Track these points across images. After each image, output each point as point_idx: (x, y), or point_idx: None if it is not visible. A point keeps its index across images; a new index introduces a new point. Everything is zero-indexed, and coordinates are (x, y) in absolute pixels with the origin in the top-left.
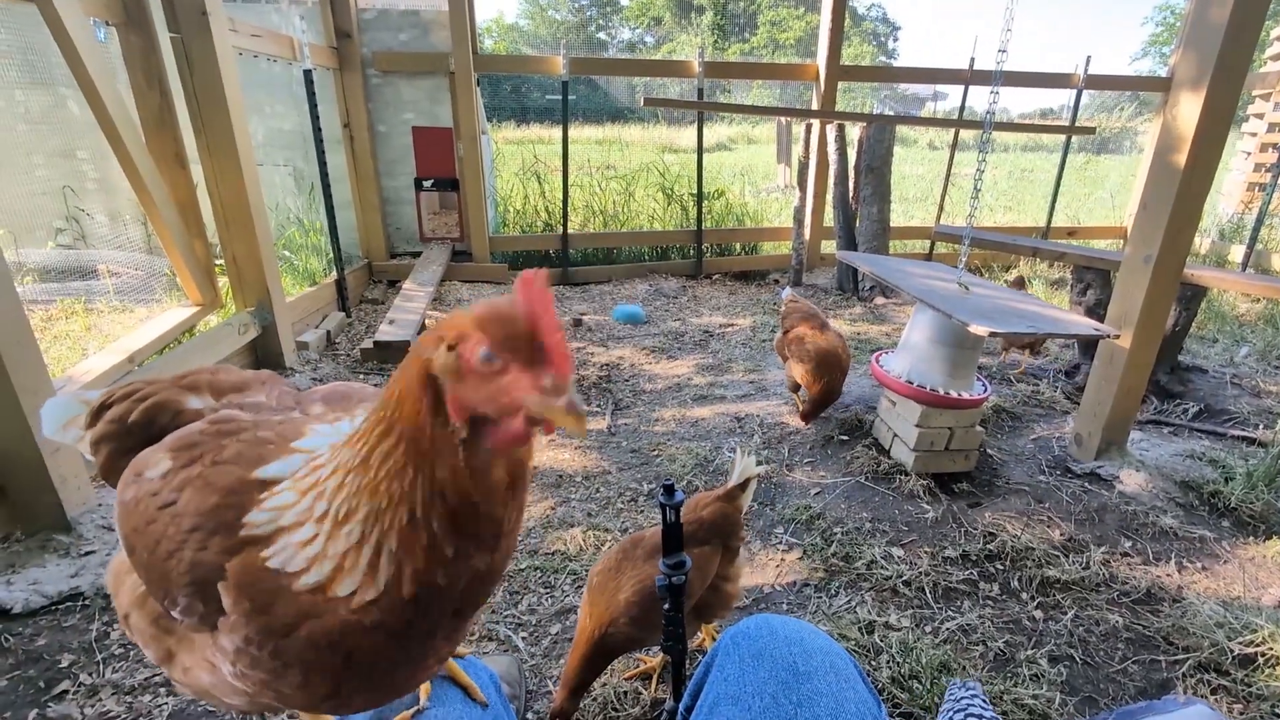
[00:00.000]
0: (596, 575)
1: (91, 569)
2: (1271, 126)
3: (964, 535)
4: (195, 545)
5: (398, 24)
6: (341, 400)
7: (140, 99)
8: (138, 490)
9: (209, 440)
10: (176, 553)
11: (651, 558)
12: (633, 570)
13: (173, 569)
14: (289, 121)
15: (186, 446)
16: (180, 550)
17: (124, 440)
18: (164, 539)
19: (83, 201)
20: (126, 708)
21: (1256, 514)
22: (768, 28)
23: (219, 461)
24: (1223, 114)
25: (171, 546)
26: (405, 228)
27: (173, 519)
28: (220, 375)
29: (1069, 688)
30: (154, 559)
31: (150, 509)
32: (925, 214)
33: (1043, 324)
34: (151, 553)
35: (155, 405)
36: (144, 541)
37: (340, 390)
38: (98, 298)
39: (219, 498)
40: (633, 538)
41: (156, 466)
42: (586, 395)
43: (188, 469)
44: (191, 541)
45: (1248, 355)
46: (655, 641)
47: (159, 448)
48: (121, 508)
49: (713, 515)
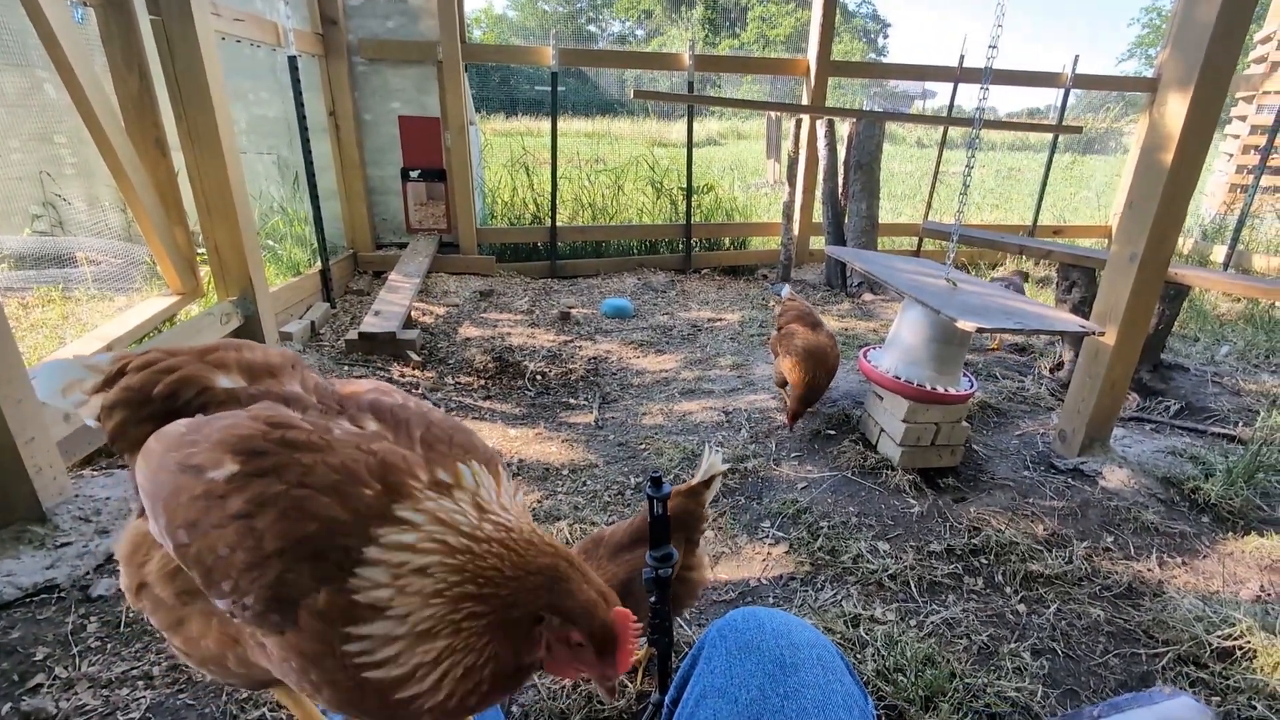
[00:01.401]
0: None
1: (68, 561)
2: (1254, 128)
3: (949, 530)
4: (282, 566)
5: (385, 11)
6: (397, 425)
7: (119, 82)
8: (194, 485)
9: (280, 451)
10: (259, 566)
11: (616, 555)
12: (597, 569)
13: (251, 579)
14: (273, 109)
15: (253, 453)
16: (263, 566)
17: (140, 409)
18: (240, 548)
19: (60, 187)
20: (103, 701)
21: (1235, 510)
22: (758, 23)
23: (307, 486)
24: (1209, 113)
25: (251, 559)
26: (391, 218)
27: (251, 533)
28: (246, 353)
29: (1051, 680)
30: (222, 561)
31: (217, 513)
32: (913, 211)
33: (1029, 320)
34: (216, 554)
35: (182, 379)
36: (206, 541)
37: (389, 408)
38: (75, 286)
39: (316, 526)
40: (593, 536)
41: (219, 467)
42: (574, 388)
43: (264, 483)
44: (277, 562)
45: (1228, 354)
46: None
47: (213, 443)
48: (163, 489)
49: (674, 510)
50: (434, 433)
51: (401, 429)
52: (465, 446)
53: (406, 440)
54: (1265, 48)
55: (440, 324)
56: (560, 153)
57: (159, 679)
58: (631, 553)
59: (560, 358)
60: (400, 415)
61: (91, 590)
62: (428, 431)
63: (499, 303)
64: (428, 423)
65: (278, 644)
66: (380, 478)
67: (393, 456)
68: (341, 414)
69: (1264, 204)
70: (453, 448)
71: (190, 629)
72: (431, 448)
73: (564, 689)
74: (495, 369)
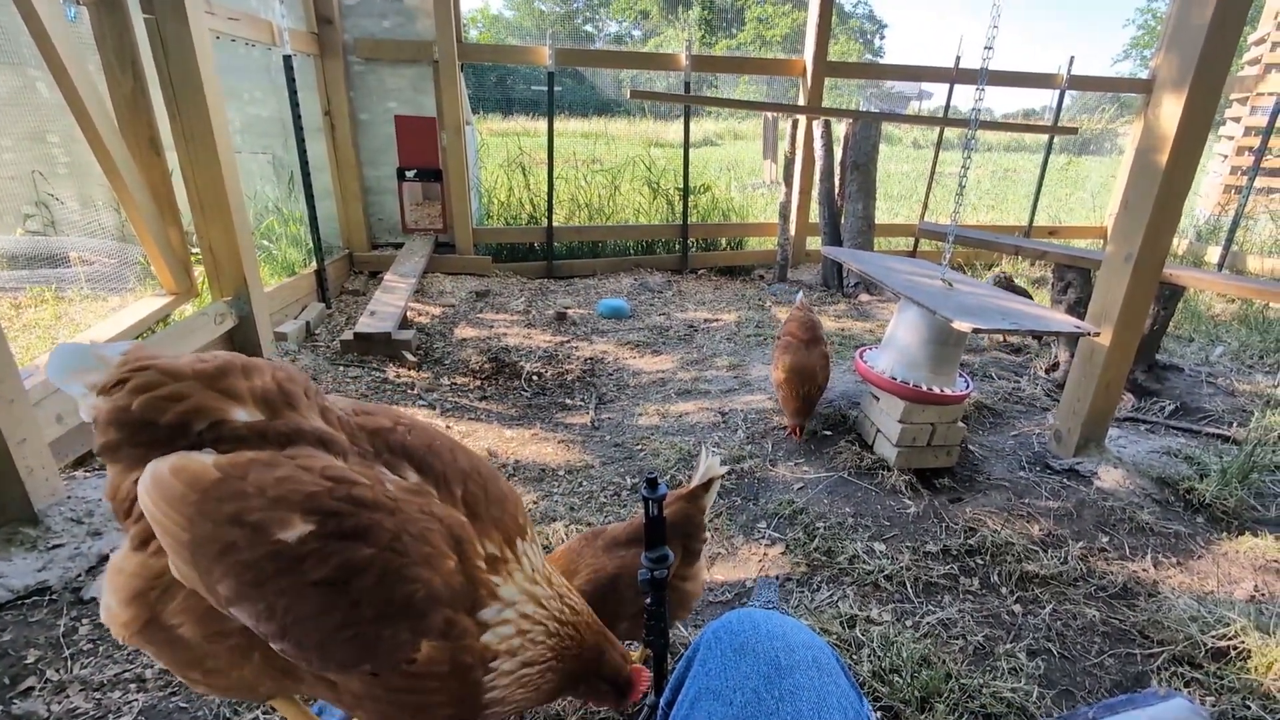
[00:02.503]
0: (553, 563)
1: (60, 563)
2: (1248, 130)
3: (945, 530)
4: (381, 629)
5: (381, 10)
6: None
7: (112, 82)
8: (256, 543)
9: (354, 511)
10: (352, 626)
11: (611, 550)
12: (591, 559)
13: (344, 638)
14: (268, 108)
15: (326, 514)
16: (358, 627)
17: (140, 433)
18: (332, 612)
19: (53, 187)
20: (95, 704)
21: (1230, 510)
22: (754, 24)
23: (401, 553)
24: (1204, 114)
25: (345, 619)
26: (387, 218)
27: (344, 596)
28: (258, 381)
29: (1046, 681)
30: (301, 623)
31: (293, 577)
32: (910, 212)
33: (1025, 321)
34: (295, 615)
35: (193, 410)
36: (281, 602)
37: (422, 454)
38: (68, 286)
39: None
40: (594, 530)
41: (287, 527)
42: (570, 389)
43: (348, 546)
44: (375, 626)
45: (1222, 355)
46: None
47: (273, 499)
48: (208, 541)
49: (674, 515)
50: (472, 490)
51: (443, 486)
52: (499, 500)
53: (449, 498)
54: (1259, 49)
55: (436, 324)
56: (557, 153)
57: (151, 682)
58: (627, 550)
59: (556, 358)
60: (437, 467)
61: (84, 592)
62: (466, 491)
63: (495, 303)
64: (464, 477)
65: (363, 683)
66: (455, 549)
67: (459, 528)
68: (377, 457)
69: (1258, 205)
70: (489, 506)
71: (218, 663)
72: (474, 511)
73: None
74: (491, 369)
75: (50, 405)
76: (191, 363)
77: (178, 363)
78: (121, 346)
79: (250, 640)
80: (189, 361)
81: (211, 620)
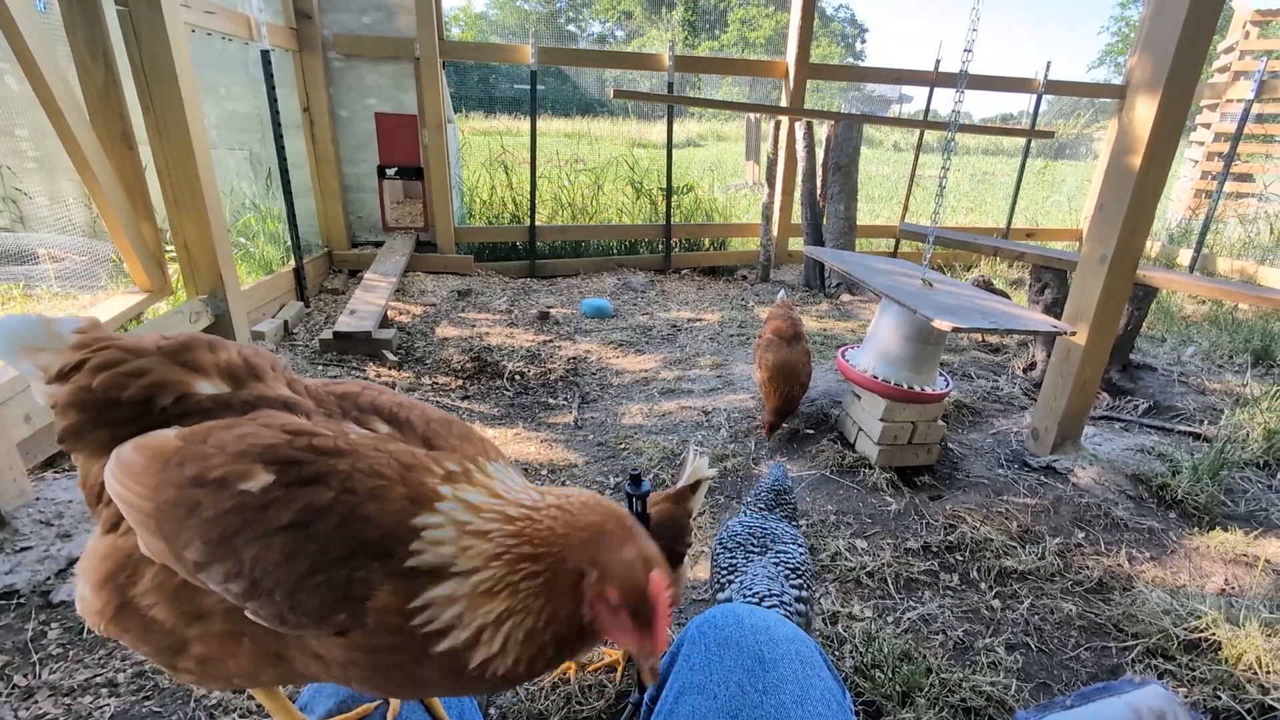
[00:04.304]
0: None
1: (27, 566)
2: (1218, 135)
3: (925, 527)
4: (352, 568)
5: (361, 6)
6: (401, 425)
7: (84, 74)
8: (220, 499)
9: (315, 459)
10: (324, 570)
11: None
12: None
13: (315, 583)
14: (245, 103)
15: (287, 462)
16: (330, 569)
17: (104, 413)
18: (299, 556)
19: (21, 181)
20: (65, 709)
21: (1201, 506)
22: (738, 25)
23: (353, 491)
24: (1176, 116)
25: (315, 563)
26: (367, 216)
27: (311, 540)
28: (222, 354)
29: (1025, 674)
30: (273, 572)
31: (260, 526)
32: (890, 213)
33: (1003, 320)
34: (265, 566)
35: (156, 384)
36: (249, 554)
37: (389, 407)
38: (38, 283)
39: (377, 529)
40: None
41: (249, 479)
42: (553, 388)
43: (310, 491)
44: (347, 565)
45: (1194, 354)
46: None
47: (234, 454)
48: (171, 505)
49: (659, 516)
50: (434, 429)
51: (408, 429)
52: (463, 435)
53: (412, 438)
54: (1228, 57)
55: (417, 323)
56: (540, 152)
57: (124, 686)
58: None
59: (539, 358)
60: (402, 416)
61: (53, 595)
62: (428, 429)
63: (477, 302)
64: (428, 420)
65: (341, 645)
66: (401, 478)
67: (408, 456)
68: (344, 416)
69: (1228, 209)
70: (450, 437)
71: (202, 651)
72: (434, 444)
73: (543, 690)
74: (473, 369)
75: (17, 405)
76: (155, 340)
77: (141, 340)
78: (74, 322)
79: (236, 624)
80: (153, 339)
81: (184, 598)
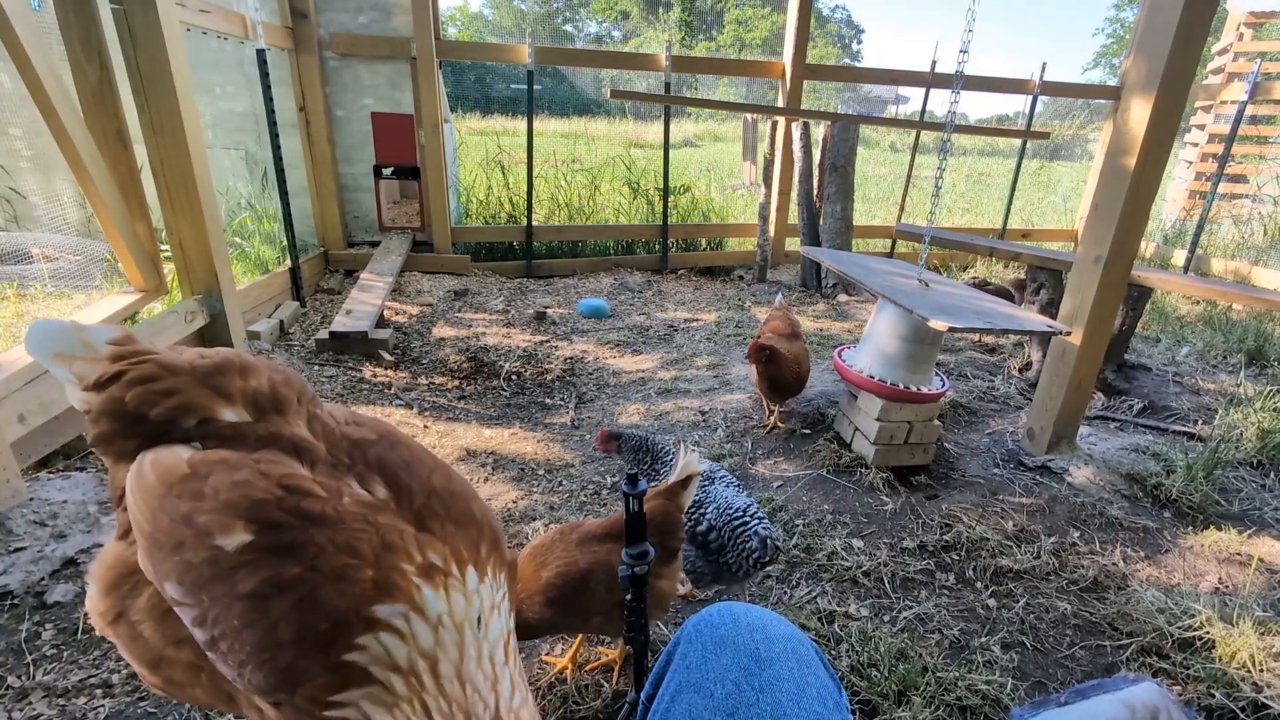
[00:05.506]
0: (525, 555)
1: (21, 566)
2: (1212, 137)
3: (921, 527)
4: (295, 654)
5: (357, 5)
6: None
7: (78, 73)
8: (199, 547)
9: (295, 525)
10: (271, 649)
11: (585, 544)
12: (562, 551)
13: (261, 659)
14: (240, 103)
15: (268, 525)
16: (276, 650)
17: (133, 426)
18: (254, 628)
19: (15, 181)
20: (59, 710)
21: (1195, 505)
22: (734, 26)
23: (319, 570)
24: (1170, 117)
25: (264, 640)
26: (364, 216)
27: (265, 616)
28: (252, 381)
29: (1020, 673)
30: (229, 634)
31: (226, 585)
32: (887, 214)
33: (999, 320)
34: (224, 626)
35: (183, 406)
36: (213, 610)
37: (395, 470)
38: (32, 283)
39: (327, 624)
40: (569, 524)
41: (228, 534)
42: (550, 388)
43: (278, 564)
44: (291, 650)
45: (1188, 354)
46: (571, 629)
47: (222, 503)
48: (164, 535)
49: (652, 512)
50: (432, 506)
51: (404, 498)
52: (461, 522)
53: (405, 510)
54: (1222, 59)
55: (414, 323)
56: (536, 152)
57: (119, 687)
58: (601, 545)
59: (536, 358)
60: (404, 481)
61: (47, 596)
62: (426, 504)
63: (474, 302)
64: (429, 493)
65: (275, 713)
66: (376, 558)
67: (392, 534)
68: (351, 469)
69: (1221, 210)
70: (446, 524)
71: (173, 673)
72: (425, 525)
73: (539, 691)
74: (470, 369)
75: (11, 405)
76: (191, 359)
77: (178, 358)
78: (107, 332)
79: (200, 659)
80: (190, 357)
81: (168, 625)
